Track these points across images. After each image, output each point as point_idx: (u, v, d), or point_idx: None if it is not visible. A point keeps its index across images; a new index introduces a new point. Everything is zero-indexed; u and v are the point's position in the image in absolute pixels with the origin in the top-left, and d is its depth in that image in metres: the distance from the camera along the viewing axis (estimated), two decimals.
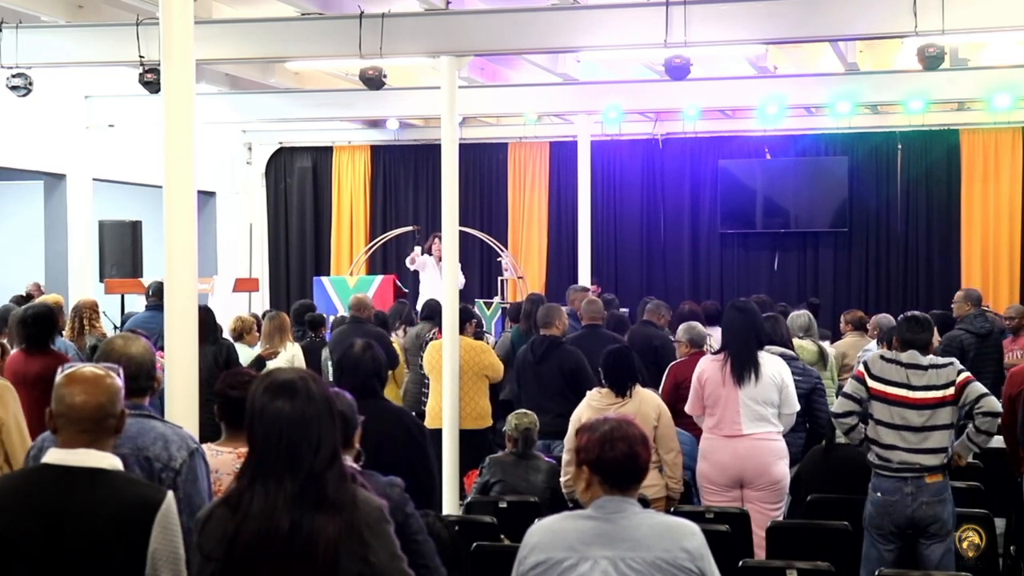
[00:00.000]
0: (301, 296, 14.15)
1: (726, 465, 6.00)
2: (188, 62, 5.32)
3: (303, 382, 2.88)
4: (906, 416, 5.28)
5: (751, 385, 5.97)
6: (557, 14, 8.99)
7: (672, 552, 3.07)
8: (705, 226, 15.61)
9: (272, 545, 2.77)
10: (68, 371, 3.00)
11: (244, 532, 2.78)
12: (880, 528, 5.28)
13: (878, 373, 5.38)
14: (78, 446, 2.90)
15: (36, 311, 6.70)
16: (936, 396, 5.28)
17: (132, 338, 3.85)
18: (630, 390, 6.15)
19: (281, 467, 2.80)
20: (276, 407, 2.84)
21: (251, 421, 2.88)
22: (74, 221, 12.94)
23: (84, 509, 2.84)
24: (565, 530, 3.16)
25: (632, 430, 3.18)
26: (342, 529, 2.78)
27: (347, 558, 2.79)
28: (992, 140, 14.54)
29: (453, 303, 8.14)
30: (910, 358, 5.35)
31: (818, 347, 7.72)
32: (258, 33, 9.43)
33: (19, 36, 9.40)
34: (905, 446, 5.26)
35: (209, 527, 2.86)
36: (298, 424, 2.82)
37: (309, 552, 2.77)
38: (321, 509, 2.78)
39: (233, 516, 2.81)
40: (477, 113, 14.05)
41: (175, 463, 3.53)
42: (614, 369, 6.22)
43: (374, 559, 2.83)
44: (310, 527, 2.77)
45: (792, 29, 8.66)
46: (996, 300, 13.90)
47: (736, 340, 6.06)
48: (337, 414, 2.91)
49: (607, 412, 6.07)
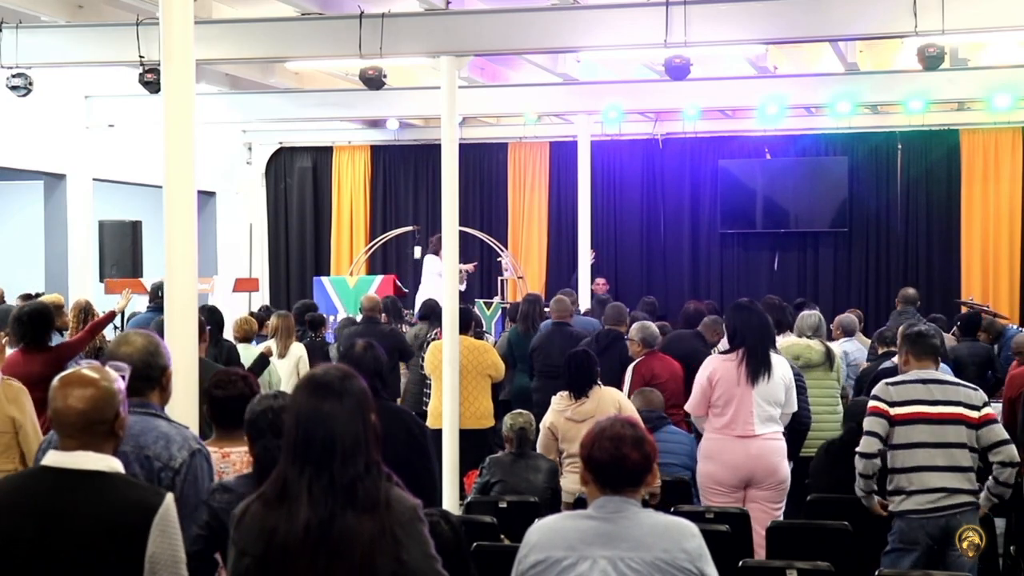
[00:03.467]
0: (301, 296, 14.15)
1: (738, 466, 5.95)
2: (188, 62, 5.33)
3: (341, 382, 2.91)
4: (933, 433, 5.10)
5: (764, 385, 5.95)
6: (557, 14, 8.99)
7: (671, 552, 3.08)
8: (705, 226, 15.61)
9: (309, 542, 2.79)
10: (64, 373, 2.98)
11: (280, 529, 2.80)
12: (915, 542, 5.10)
13: (896, 399, 5.17)
14: (74, 448, 2.89)
15: (32, 308, 6.68)
16: (956, 412, 5.13)
17: (136, 335, 3.80)
18: (588, 390, 6.28)
19: (317, 464, 2.82)
20: (313, 405, 2.87)
21: (289, 419, 2.90)
22: (74, 221, 12.94)
23: (78, 511, 2.82)
24: (565, 529, 3.17)
25: (623, 431, 3.16)
26: (378, 527, 2.80)
27: (381, 556, 2.80)
28: (992, 140, 14.54)
29: (453, 303, 8.14)
30: (926, 373, 5.19)
31: (825, 348, 7.71)
32: (258, 33, 9.43)
33: (19, 36, 9.40)
34: (934, 464, 5.09)
35: (245, 522, 2.86)
36: (335, 423, 2.84)
37: (346, 550, 2.78)
38: (357, 507, 2.80)
39: (270, 513, 2.83)
40: (477, 113, 14.06)
41: (175, 463, 3.51)
42: (573, 372, 6.42)
43: (407, 558, 2.84)
44: (347, 525, 2.79)
45: (792, 29, 8.66)
46: (996, 300, 13.93)
47: (752, 339, 6.02)
48: (372, 411, 2.92)
49: (566, 413, 6.25)
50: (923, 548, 5.09)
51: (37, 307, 6.73)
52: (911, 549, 5.11)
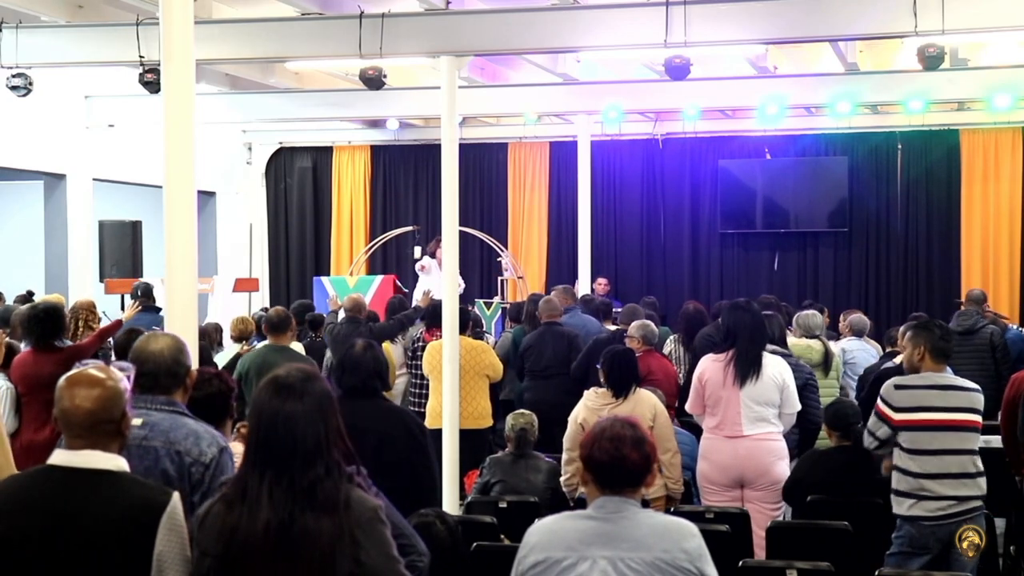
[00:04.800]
0: (301, 296, 14.15)
1: (727, 465, 6.00)
2: (188, 62, 5.33)
3: (302, 382, 2.90)
4: (943, 441, 5.08)
5: (752, 386, 5.96)
6: (557, 14, 8.98)
7: (671, 552, 3.07)
8: (705, 226, 15.60)
9: (268, 542, 2.79)
10: (71, 373, 3.00)
11: (241, 529, 2.81)
12: (925, 548, 5.08)
13: (905, 404, 5.13)
14: (82, 448, 2.91)
15: (48, 306, 6.64)
16: (968, 419, 5.12)
17: (155, 335, 3.83)
18: (629, 391, 6.16)
19: (278, 465, 2.83)
20: (274, 405, 2.87)
21: (251, 420, 2.92)
22: (74, 221, 12.94)
23: (85, 510, 2.84)
24: (564, 530, 3.16)
25: (625, 431, 3.16)
26: (337, 528, 2.80)
27: (340, 557, 2.81)
28: (992, 140, 14.53)
29: (453, 303, 8.15)
30: (942, 379, 5.15)
31: (825, 348, 7.71)
32: (258, 33, 9.43)
33: (19, 36, 9.40)
34: (947, 471, 5.05)
35: (207, 523, 2.88)
36: (295, 423, 2.84)
37: (305, 551, 2.79)
38: (316, 508, 2.81)
39: (231, 512, 2.84)
40: (477, 113, 14.05)
41: (205, 458, 3.54)
42: (617, 369, 6.21)
43: (366, 559, 2.84)
44: (306, 526, 2.79)
45: (792, 29, 8.65)
46: (996, 300, 13.90)
47: (742, 340, 6.03)
48: (335, 413, 2.92)
49: (602, 412, 6.14)
50: (933, 553, 5.08)
51: (52, 306, 6.69)
52: (920, 554, 5.10)
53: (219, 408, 3.93)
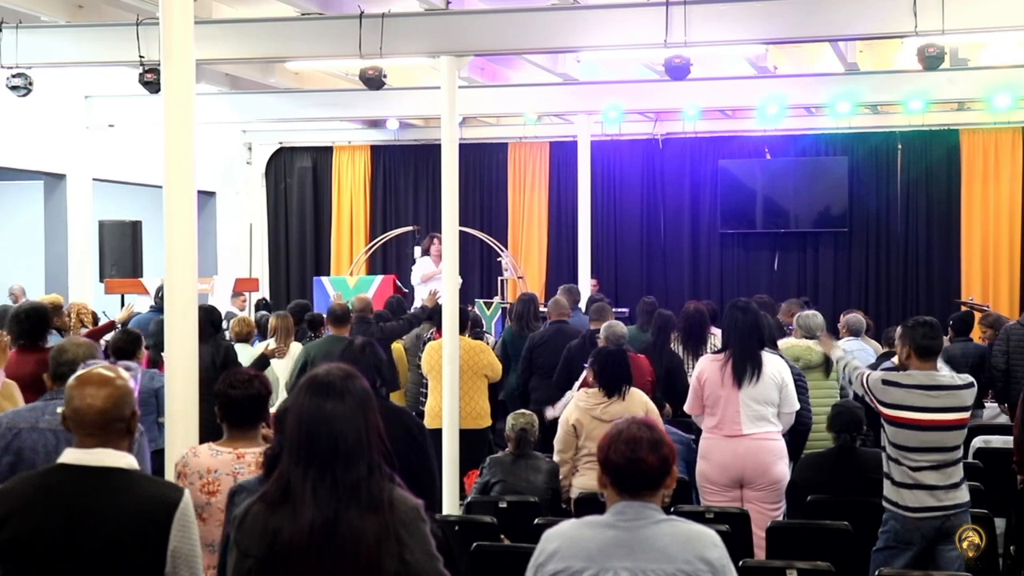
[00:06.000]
0: (301, 296, 14.15)
1: (726, 465, 5.99)
2: (188, 62, 5.32)
3: (343, 381, 2.91)
4: (925, 439, 5.10)
5: (751, 385, 5.95)
6: (557, 14, 8.98)
7: (693, 564, 2.99)
8: (705, 226, 15.61)
9: (313, 542, 2.78)
10: (80, 372, 3.03)
11: (286, 530, 2.79)
12: (909, 543, 5.11)
13: (889, 400, 5.15)
14: (93, 446, 2.93)
15: (31, 307, 6.68)
16: (954, 419, 5.13)
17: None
18: (622, 391, 6.17)
19: (320, 464, 2.81)
20: (316, 405, 2.86)
21: (292, 419, 2.89)
22: (74, 221, 12.94)
23: (101, 508, 2.86)
24: (584, 539, 3.07)
25: (642, 433, 3.07)
26: (382, 527, 2.80)
27: (386, 557, 2.80)
28: (992, 140, 14.53)
29: (453, 303, 8.14)
30: (928, 378, 5.15)
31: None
32: (258, 33, 9.43)
33: (19, 36, 9.40)
34: (932, 466, 5.09)
35: (247, 523, 2.86)
36: (338, 422, 2.84)
37: (351, 550, 2.78)
38: (361, 507, 2.80)
39: (273, 514, 2.82)
40: (477, 113, 14.06)
41: None
42: (609, 369, 6.24)
43: (410, 558, 2.84)
44: (352, 525, 2.78)
45: (792, 29, 8.65)
46: (996, 300, 13.91)
47: (740, 340, 6.03)
48: (375, 412, 2.92)
49: (594, 412, 6.16)
50: (916, 548, 5.11)
51: (35, 306, 6.73)
52: (905, 548, 5.13)
53: (257, 409, 3.95)
